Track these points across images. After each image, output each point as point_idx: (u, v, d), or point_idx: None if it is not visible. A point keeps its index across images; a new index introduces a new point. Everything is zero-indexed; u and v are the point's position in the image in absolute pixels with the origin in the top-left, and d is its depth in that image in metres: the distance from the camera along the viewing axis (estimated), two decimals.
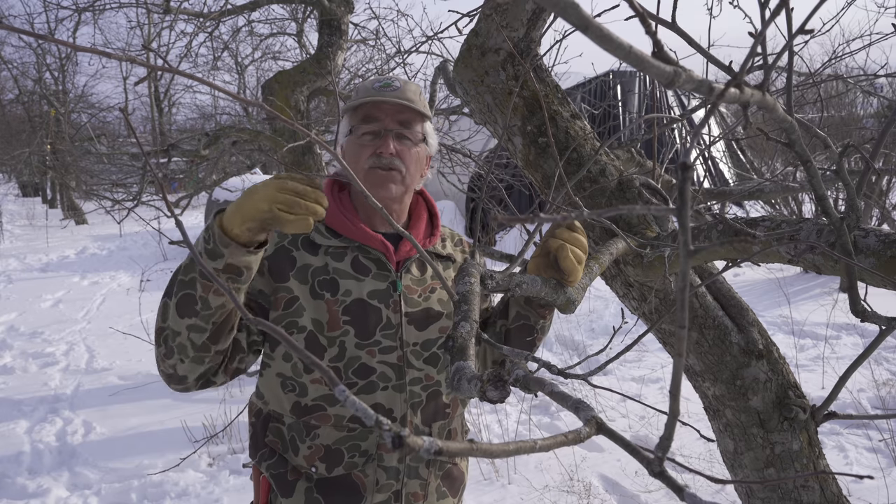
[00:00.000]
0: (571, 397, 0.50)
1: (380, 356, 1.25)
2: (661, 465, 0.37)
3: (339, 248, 1.27)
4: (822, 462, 1.50)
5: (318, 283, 1.24)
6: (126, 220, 12.77)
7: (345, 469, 1.24)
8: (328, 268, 1.25)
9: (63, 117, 15.53)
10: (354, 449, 1.24)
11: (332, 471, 1.23)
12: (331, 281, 1.24)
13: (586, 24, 0.36)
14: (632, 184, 1.50)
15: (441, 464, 1.33)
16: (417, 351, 1.29)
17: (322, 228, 1.28)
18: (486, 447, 0.40)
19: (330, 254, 1.26)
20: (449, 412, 1.35)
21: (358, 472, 1.25)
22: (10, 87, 18.02)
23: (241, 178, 8.64)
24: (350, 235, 1.27)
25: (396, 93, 1.25)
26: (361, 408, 0.38)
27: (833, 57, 2.47)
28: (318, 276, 1.24)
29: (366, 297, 1.25)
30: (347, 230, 1.27)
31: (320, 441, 1.23)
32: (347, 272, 1.25)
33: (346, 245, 1.27)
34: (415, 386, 1.28)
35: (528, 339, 1.34)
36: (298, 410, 1.25)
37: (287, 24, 7.23)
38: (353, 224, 1.27)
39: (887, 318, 0.93)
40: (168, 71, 0.47)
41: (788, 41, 0.65)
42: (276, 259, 1.24)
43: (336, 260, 1.26)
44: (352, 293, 1.24)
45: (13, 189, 25.84)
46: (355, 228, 1.27)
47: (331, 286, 1.24)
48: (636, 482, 3.23)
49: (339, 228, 1.27)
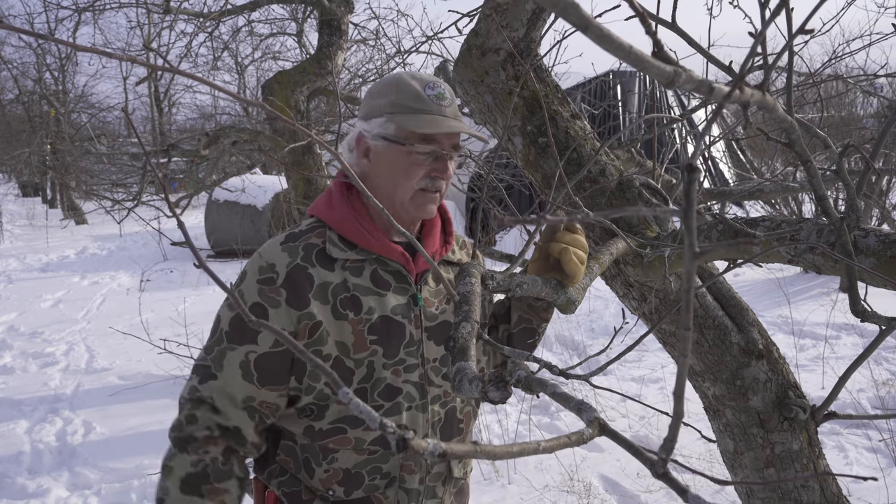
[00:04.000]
0: (574, 398, 0.50)
1: (405, 375, 1.19)
2: (665, 467, 0.37)
3: (356, 262, 1.18)
4: (822, 462, 1.50)
5: (340, 301, 1.15)
6: (126, 220, 12.78)
7: (364, 492, 1.19)
8: (347, 284, 1.16)
9: (63, 117, 15.53)
10: (375, 472, 1.19)
11: (351, 494, 1.18)
12: (352, 299, 1.16)
13: (586, 24, 0.36)
14: (632, 184, 1.50)
15: (455, 481, 1.30)
16: (436, 367, 1.23)
17: (335, 238, 1.18)
18: (489, 449, 0.40)
19: (348, 268, 1.17)
20: (463, 427, 1.31)
21: (378, 494, 1.20)
22: (10, 87, 18.01)
23: (241, 178, 8.64)
24: (368, 246, 1.17)
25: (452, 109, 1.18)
26: (365, 410, 0.38)
27: (833, 57, 2.47)
28: (339, 294, 1.15)
29: (390, 314, 1.17)
30: (365, 241, 1.17)
31: (339, 465, 1.18)
32: (368, 287, 1.17)
33: (364, 258, 1.18)
34: (435, 404, 1.23)
35: (529, 342, 1.33)
36: (312, 434, 1.19)
37: (287, 24, 7.24)
38: (371, 235, 1.17)
39: (887, 318, 0.93)
40: (168, 70, 0.47)
41: (788, 41, 0.65)
42: (292, 283, 1.14)
43: (354, 275, 1.17)
44: (375, 311, 1.16)
45: (13, 189, 25.83)
46: (374, 240, 1.17)
47: (353, 304, 1.15)
48: (636, 482, 3.23)
49: (354, 238, 1.17)
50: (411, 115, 1.14)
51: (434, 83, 1.18)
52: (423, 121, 1.14)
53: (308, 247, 1.17)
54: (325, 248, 1.17)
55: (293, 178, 4.31)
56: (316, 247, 1.17)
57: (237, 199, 9.91)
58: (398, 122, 1.14)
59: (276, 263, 1.15)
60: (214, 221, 10.07)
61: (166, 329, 5.86)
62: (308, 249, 1.16)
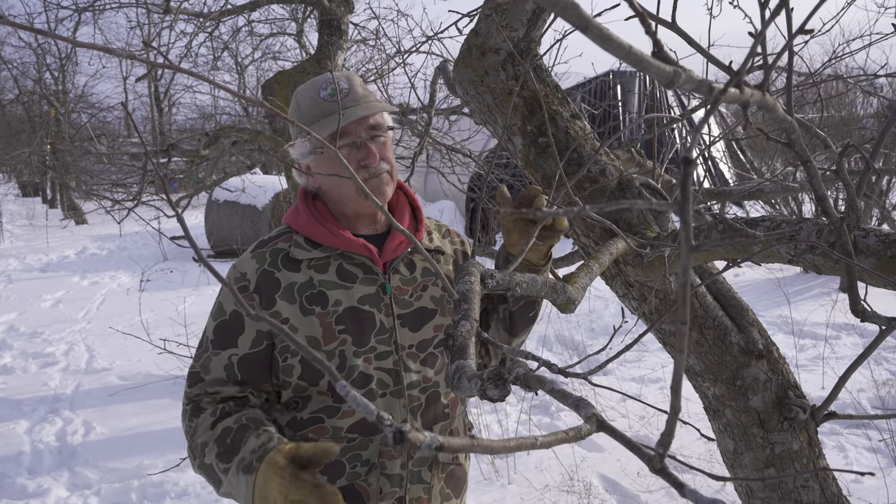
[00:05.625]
0: (572, 395, 0.50)
1: (376, 362, 1.24)
2: (662, 462, 0.37)
3: (321, 260, 1.24)
4: (822, 462, 1.50)
5: (306, 298, 1.21)
6: (126, 220, 12.77)
7: (347, 480, 1.23)
8: (313, 281, 1.22)
9: (63, 117, 15.53)
10: (356, 459, 1.23)
11: (334, 483, 1.22)
12: (318, 294, 1.22)
13: (586, 24, 0.36)
14: (632, 184, 1.50)
15: (444, 465, 1.32)
16: (413, 353, 1.28)
17: (301, 240, 1.25)
18: (486, 443, 0.40)
19: (313, 267, 1.24)
20: (449, 412, 1.34)
21: (360, 482, 1.23)
22: (10, 87, 18.01)
23: (241, 178, 8.64)
24: (330, 244, 1.23)
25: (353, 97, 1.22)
26: (363, 403, 0.38)
27: (833, 57, 2.46)
28: (305, 291, 1.22)
29: (357, 304, 1.23)
30: (327, 238, 1.23)
31: None
32: (334, 282, 1.23)
33: (328, 254, 1.24)
34: (413, 389, 1.27)
35: (530, 315, 1.36)
36: (294, 425, 1.25)
37: (287, 24, 7.24)
38: (332, 231, 1.23)
39: (887, 318, 0.93)
40: (169, 68, 0.47)
41: (788, 41, 0.65)
42: (261, 287, 1.22)
43: (320, 272, 1.23)
44: (342, 302, 1.22)
45: (13, 189, 25.83)
46: (335, 236, 1.23)
47: (319, 299, 1.22)
48: (636, 482, 3.23)
49: (317, 238, 1.24)
50: (315, 125, 1.22)
51: (326, 82, 1.24)
52: (324, 124, 1.21)
53: (274, 252, 1.24)
54: (289, 251, 1.24)
55: (293, 179, 4.31)
56: (282, 251, 1.25)
57: (237, 199, 9.91)
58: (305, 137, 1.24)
59: (247, 272, 1.23)
60: (214, 221, 10.08)
61: (166, 329, 5.86)
62: (274, 255, 1.24)
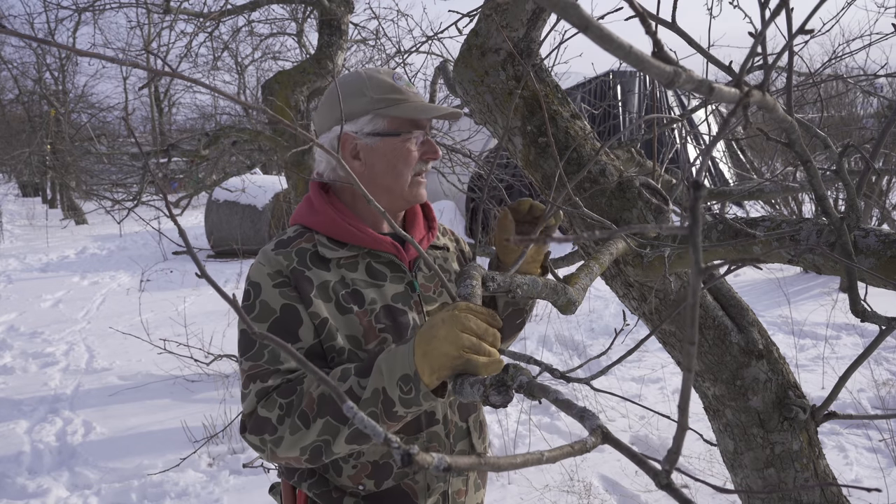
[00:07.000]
0: (576, 405, 0.50)
1: None
2: (669, 478, 0.37)
3: (349, 259, 1.21)
4: (822, 462, 1.50)
5: (343, 297, 1.18)
6: (126, 220, 12.78)
7: (394, 480, 1.21)
8: (346, 280, 1.19)
9: (63, 117, 15.52)
10: None
11: (382, 485, 1.20)
12: (354, 293, 1.19)
13: (586, 24, 0.36)
14: (632, 184, 1.50)
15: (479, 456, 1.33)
16: None
17: (324, 240, 1.21)
18: (493, 461, 0.40)
19: (343, 266, 1.20)
20: (478, 405, 1.36)
21: (408, 480, 1.22)
22: (10, 87, 18.00)
23: (241, 178, 8.64)
24: (358, 242, 1.21)
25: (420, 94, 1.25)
26: (370, 424, 0.38)
27: (833, 57, 2.46)
28: (340, 290, 1.18)
29: (391, 302, 1.20)
30: (353, 237, 1.21)
31: (366, 458, 1.19)
32: (366, 280, 1.21)
33: (356, 253, 1.21)
34: None
35: (517, 322, 1.38)
36: None
37: (287, 24, 7.23)
38: (358, 230, 1.21)
39: (887, 318, 0.93)
40: (169, 75, 0.47)
41: (788, 41, 0.65)
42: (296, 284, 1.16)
43: (350, 270, 1.21)
44: (377, 301, 1.19)
45: (13, 189, 25.83)
46: (362, 234, 1.20)
47: (356, 298, 1.18)
48: (636, 482, 3.23)
49: (343, 237, 1.21)
50: (397, 107, 1.19)
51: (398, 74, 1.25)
52: (410, 108, 1.19)
53: (300, 251, 1.19)
54: (316, 250, 1.20)
55: (293, 178, 4.31)
56: (307, 251, 1.20)
57: (237, 199, 9.92)
58: (386, 115, 1.19)
59: (281, 269, 1.17)
60: (214, 221, 10.08)
61: (166, 329, 5.87)
62: (301, 254, 1.19)
